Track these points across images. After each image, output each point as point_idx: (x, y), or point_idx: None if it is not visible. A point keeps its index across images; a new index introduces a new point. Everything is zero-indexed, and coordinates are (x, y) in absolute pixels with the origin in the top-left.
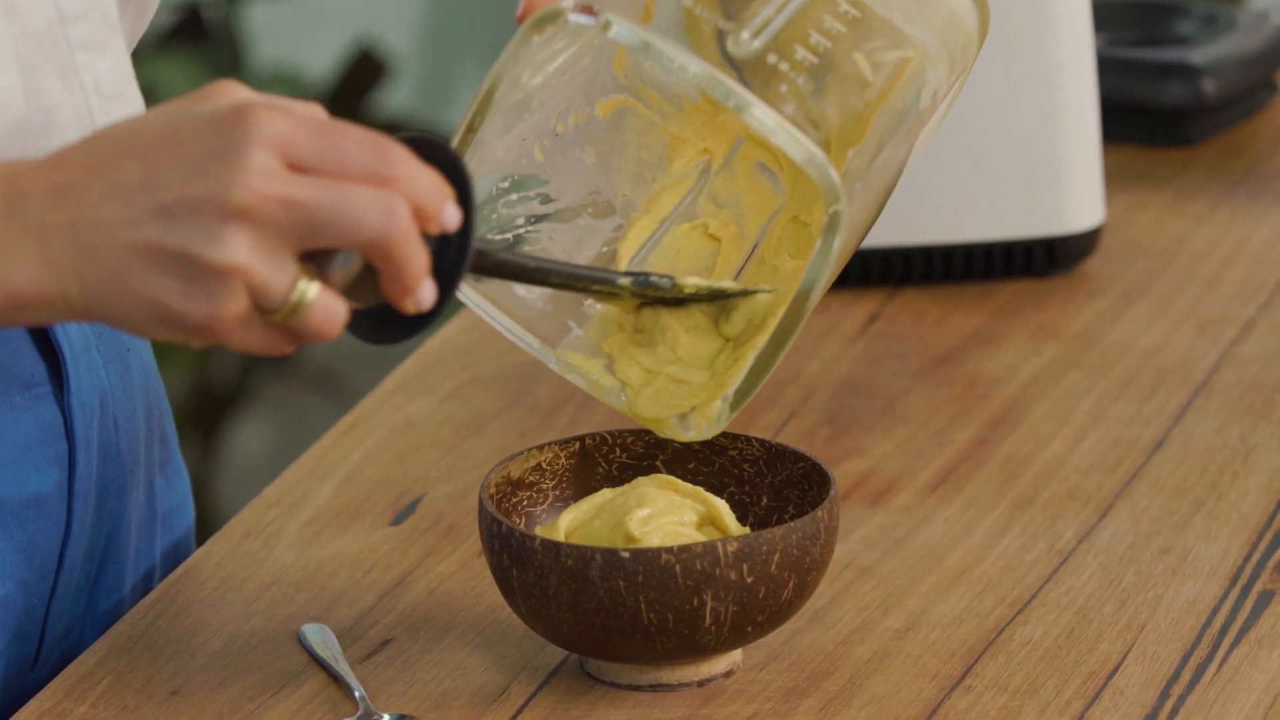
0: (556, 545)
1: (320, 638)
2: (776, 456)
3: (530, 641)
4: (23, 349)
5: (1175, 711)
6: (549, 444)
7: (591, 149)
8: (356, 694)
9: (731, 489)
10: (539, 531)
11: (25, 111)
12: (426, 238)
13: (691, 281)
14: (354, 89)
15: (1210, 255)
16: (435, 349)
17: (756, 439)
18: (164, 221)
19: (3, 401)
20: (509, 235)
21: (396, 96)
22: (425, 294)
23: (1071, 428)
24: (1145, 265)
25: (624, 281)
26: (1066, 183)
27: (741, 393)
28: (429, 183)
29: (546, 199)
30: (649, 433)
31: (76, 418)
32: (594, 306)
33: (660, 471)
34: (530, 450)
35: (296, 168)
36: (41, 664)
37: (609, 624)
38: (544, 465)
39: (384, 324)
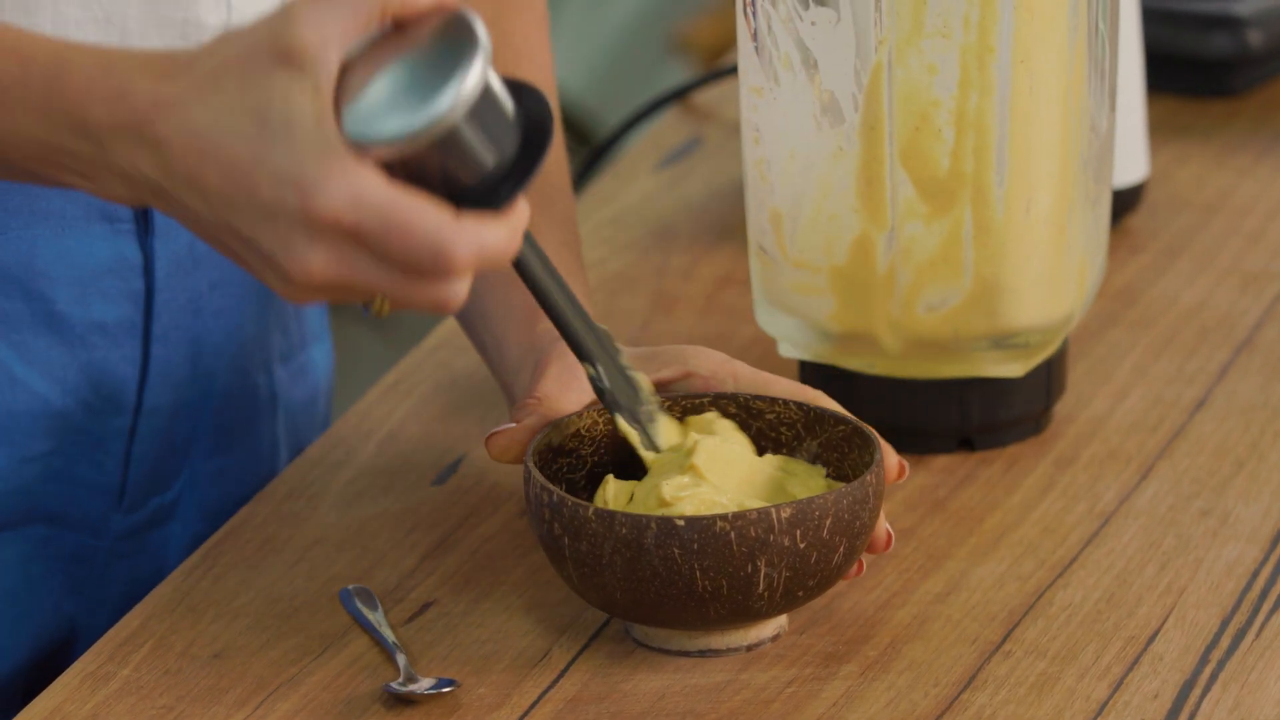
0: (611, 514)
1: (363, 600)
2: (816, 419)
3: (572, 604)
4: None
5: (1213, 678)
6: (588, 410)
7: None
8: (398, 658)
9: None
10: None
11: None
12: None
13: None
14: None
15: (1254, 209)
16: None
17: (795, 402)
18: (238, 241)
19: (81, 226)
20: None
21: None
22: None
23: (1113, 386)
24: (1188, 219)
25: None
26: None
27: None
28: (493, 253)
29: None
30: (686, 399)
31: (159, 261)
32: None
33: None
34: (570, 417)
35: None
36: (128, 509)
37: (663, 592)
38: (582, 432)
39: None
